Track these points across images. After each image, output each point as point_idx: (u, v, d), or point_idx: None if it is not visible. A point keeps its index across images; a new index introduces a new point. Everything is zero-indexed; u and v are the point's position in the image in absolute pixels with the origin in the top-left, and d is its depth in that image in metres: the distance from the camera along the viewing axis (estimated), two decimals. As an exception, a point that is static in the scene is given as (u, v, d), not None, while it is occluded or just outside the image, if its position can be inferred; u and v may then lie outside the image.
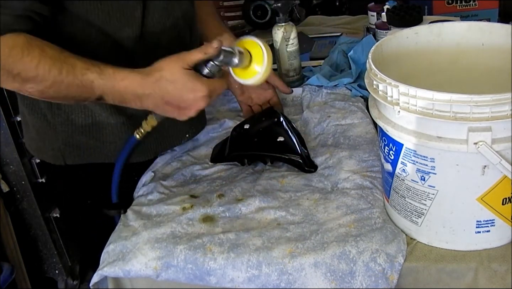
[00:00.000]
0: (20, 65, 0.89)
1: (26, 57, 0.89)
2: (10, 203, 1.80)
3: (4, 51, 0.88)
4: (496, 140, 0.75)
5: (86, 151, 1.13)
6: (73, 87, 0.92)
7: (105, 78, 0.93)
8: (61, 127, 1.11)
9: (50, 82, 0.91)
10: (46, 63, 0.90)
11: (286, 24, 1.39)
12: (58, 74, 0.91)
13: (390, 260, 0.87)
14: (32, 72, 0.90)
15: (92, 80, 0.92)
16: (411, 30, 1.00)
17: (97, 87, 0.93)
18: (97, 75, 0.92)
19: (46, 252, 1.93)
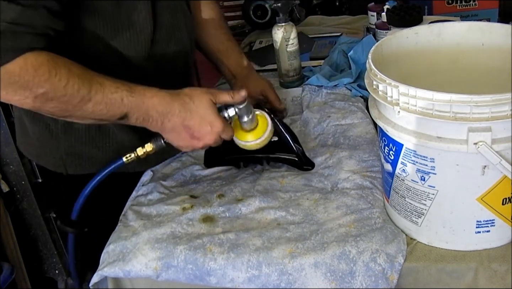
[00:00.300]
0: (47, 85, 0.88)
1: (54, 77, 0.88)
2: (10, 203, 1.81)
3: (29, 71, 0.86)
4: (496, 141, 0.75)
5: (88, 160, 1.13)
6: (100, 105, 0.92)
7: (135, 95, 0.94)
8: (63, 136, 1.10)
9: (78, 101, 0.90)
10: (75, 82, 0.89)
11: (286, 24, 1.39)
12: (87, 93, 0.90)
13: (390, 260, 0.87)
14: (60, 92, 0.89)
15: (122, 98, 0.93)
16: (411, 30, 0.99)
17: (125, 105, 0.93)
18: (127, 93, 0.93)
19: (46, 252, 1.93)
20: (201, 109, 0.97)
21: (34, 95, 0.88)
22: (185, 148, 1.03)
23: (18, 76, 0.86)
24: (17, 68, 0.85)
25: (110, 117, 0.95)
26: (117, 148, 1.12)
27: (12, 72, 0.85)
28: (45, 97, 0.88)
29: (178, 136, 1.00)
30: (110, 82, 0.93)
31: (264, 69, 1.63)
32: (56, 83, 0.88)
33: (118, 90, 0.93)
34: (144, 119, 0.96)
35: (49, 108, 0.91)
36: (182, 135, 0.99)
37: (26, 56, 0.86)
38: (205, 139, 1.00)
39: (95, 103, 0.91)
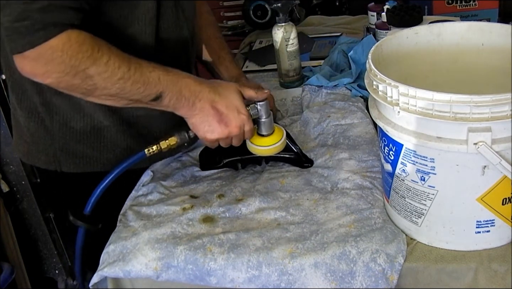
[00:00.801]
0: (91, 60, 0.89)
1: (97, 53, 0.90)
2: (10, 203, 1.81)
3: (73, 46, 0.87)
4: (496, 141, 0.75)
5: (82, 159, 1.12)
6: (138, 84, 0.94)
7: (170, 74, 0.97)
8: (58, 133, 1.10)
9: (117, 78, 0.92)
10: (116, 60, 0.92)
11: (286, 24, 1.39)
12: (127, 70, 0.92)
13: (390, 260, 0.87)
14: (101, 68, 0.90)
15: (159, 76, 0.96)
16: (411, 30, 0.99)
17: (162, 83, 0.96)
18: (163, 72, 0.97)
19: (46, 252, 1.94)
20: (229, 94, 1.01)
21: (76, 72, 0.89)
22: (210, 134, 1.02)
23: (61, 51, 0.87)
24: (61, 44, 0.86)
25: (145, 97, 0.96)
26: (112, 147, 1.12)
27: (56, 47, 0.86)
28: (86, 73, 0.90)
29: (205, 120, 1.01)
30: (146, 62, 0.96)
31: (264, 69, 1.63)
32: (98, 60, 0.90)
33: (155, 69, 0.96)
34: (177, 99, 0.98)
35: (87, 85, 0.92)
36: (210, 118, 1.01)
37: (69, 32, 0.87)
38: (231, 126, 1.01)
39: (133, 81, 0.93)
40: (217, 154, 1.16)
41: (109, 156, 1.12)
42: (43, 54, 0.86)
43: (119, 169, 1.03)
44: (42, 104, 1.08)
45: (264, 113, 1.05)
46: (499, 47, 0.94)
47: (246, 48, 1.83)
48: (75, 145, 1.11)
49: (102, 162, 1.12)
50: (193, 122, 1.02)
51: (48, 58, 0.87)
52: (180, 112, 1.01)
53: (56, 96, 1.07)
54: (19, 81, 1.09)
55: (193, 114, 1.01)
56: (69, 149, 1.12)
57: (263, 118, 1.05)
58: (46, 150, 1.13)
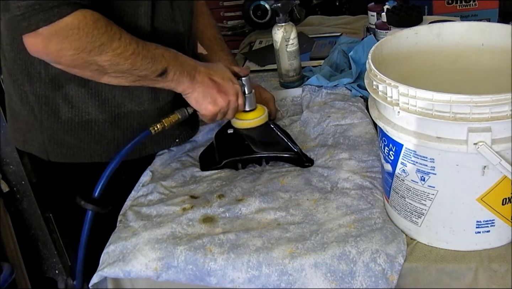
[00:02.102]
0: (105, 37, 0.94)
1: (110, 30, 0.94)
2: (10, 203, 1.80)
3: (88, 23, 0.91)
4: (496, 141, 0.75)
5: (69, 149, 1.14)
6: (147, 59, 0.99)
7: (171, 51, 1.05)
8: (47, 123, 1.12)
9: (129, 53, 0.97)
10: (126, 37, 0.97)
11: (286, 24, 1.39)
12: (136, 47, 0.98)
13: (390, 260, 0.87)
14: (115, 44, 0.95)
15: (163, 53, 1.02)
16: (411, 30, 0.99)
17: (166, 59, 1.02)
18: (165, 50, 1.04)
19: (46, 252, 1.93)
20: (220, 69, 1.12)
21: (91, 48, 0.93)
22: (212, 105, 1.09)
23: (78, 28, 0.91)
24: (76, 21, 0.90)
25: (152, 72, 1.02)
26: (99, 139, 1.13)
27: (71, 24, 0.90)
28: (101, 49, 0.94)
29: (207, 92, 1.08)
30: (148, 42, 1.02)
31: (264, 69, 1.63)
32: (112, 36, 0.95)
33: (158, 47, 1.03)
34: (180, 73, 1.05)
35: (101, 62, 0.96)
36: (211, 89, 1.08)
37: (83, 11, 0.92)
38: (230, 94, 1.09)
39: (143, 56, 0.99)
40: (217, 154, 1.16)
41: (96, 147, 1.14)
42: (58, 31, 0.90)
43: (126, 148, 1.06)
44: (32, 93, 1.10)
45: (247, 88, 1.14)
46: (499, 47, 0.94)
47: (246, 48, 1.83)
48: (63, 135, 1.12)
49: (89, 153, 1.14)
50: (195, 96, 1.08)
51: (63, 36, 0.90)
52: (181, 88, 1.07)
53: (45, 87, 1.09)
54: (12, 69, 1.11)
55: (195, 88, 1.07)
56: (57, 139, 1.13)
57: (247, 93, 1.14)
58: (37, 138, 1.15)
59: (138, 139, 1.07)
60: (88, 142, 1.13)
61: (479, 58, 0.98)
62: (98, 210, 1.04)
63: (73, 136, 1.12)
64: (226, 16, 2.54)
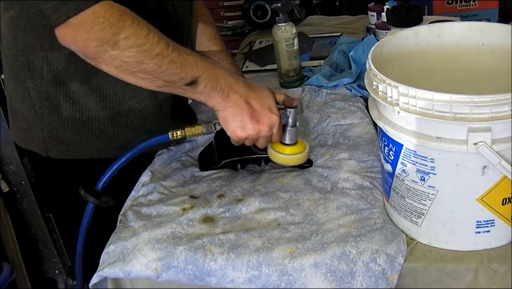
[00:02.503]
0: (131, 30, 0.90)
1: (137, 24, 0.90)
2: (10, 203, 1.80)
3: (114, 14, 0.89)
4: (496, 141, 0.75)
5: (69, 146, 1.14)
6: (175, 64, 0.94)
7: (207, 61, 0.99)
8: (47, 119, 1.12)
9: (155, 53, 0.92)
10: (155, 35, 0.92)
11: (286, 24, 1.39)
12: (165, 48, 0.93)
13: (390, 260, 0.87)
14: (141, 39, 0.91)
15: (196, 61, 0.96)
16: (411, 30, 0.99)
17: (199, 68, 0.96)
18: (201, 58, 0.98)
19: (46, 252, 1.93)
20: (263, 93, 1.01)
21: (115, 40, 0.89)
22: (240, 130, 1.01)
23: (104, 17, 0.88)
24: (103, 10, 0.88)
25: (180, 79, 0.96)
26: (99, 135, 1.13)
27: (98, 13, 0.88)
28: (125, 42, 0.90)
29: (238, 114, 1.00)
30: (183, 47, 0.97)
31: (264, 69, 1.63)
32: (138, 31, 0.90)
33: (192, 54, 0.97)
34: (212, 87, 0.98)
35: (125, 57, 0.92)
36: (243, 113, 1.00)
37: (110, 1, 0.89)
38: (263, 124, 1.01)
39: (171, 60, 0.93)
40: (216, 154, 1.16)
41: (96, 144, 1.13)
42: (86, 20, 0.88)
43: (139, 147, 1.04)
44: (34, 89, 1.10)
45: (292, 121, 1.04)
46: (499, 47, 0.94)
47: (246, 48, 1.83)
48: (63, 131, 1.12)
49: (89, 149, 1.14)
50: (225, 115, 1.01)
51: (90, 25, 0.88)
52: (212, 102, 1.00)
53: (47, 83, 1.09)
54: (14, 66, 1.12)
55: (226, 107, 1.00)
56: (57, 135, 1.13)
57: (289, 126, 1.05)
58: (38, 135, 1.15)
59: (154, 142, 1.05)
60: (88, 139, 1.13)
61: (479, 58, 0.98)
62: (99, 203, 1.04)
63: (74, 132, 1.13)
64: (226, 16, 2.55)
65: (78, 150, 1.14)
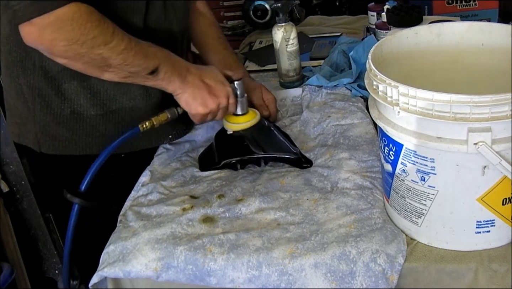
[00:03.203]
0: (98, 30, 0.95)
1: (103, 24, 0.96)
2: (10, 203, 1.80)
3: (82, 16, 0.93)
4: (496, 141, 0.75)
5: (61, 142, 1.16)
6: (139, 55, 1.00)
7: (163, 51, 1.06)
8: (39, 114, 1.14)
9: (122, 49, 0.98)
10: (119, 32, 0.98)
11: (286, 24, 1.39)
12: (129, 42, 0.99)
13: (390, 260, 0.87)
14: (108, 38, 0.96)
15: (155, 52, 1.03)
16: (411, 30, 0.99)
17: (158, 57, 1.03)
18: (158, 48, 1.05)
19: (46, 252, 1.93)
20: (212, 70, 1.13)
21: (84, 40, 0.94)
22: (201, 107, 1.09)
23: (71, 20, 0.92)
24: (71, 12, 0.92)
25: (143, 70, 1.02)
26: (91, 131, 1.15)
27: (66, 15, 0.91)
28: (94, 42, 0.95)
29: (197, 93, 1.08)
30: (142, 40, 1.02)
31: (264, 69, 1.63)
32: (105, 30, 0.96)
33: (151, 46, 1.04)
34: (171, 73, 1.05)
35: (93, 55, 0.96)
36: (201, 91, 1.08)
37: (78, 3, 0.93)
38: (221, 96, 1.10)
39: (135, 52, 1.00)
40: (216, 155, 1.16)
41: (87, 140, 1.15)
42: (53, 22, 0.91)
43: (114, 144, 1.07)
44: (26, 85, 1.12)
45: (240, 92, 1.14)
46: (499, 47, 0.94)
47: (246, 48, 1.83)
48: (55, 127, 1.14)
49: (80, 146, 1.16)
50: (185, 98, 1.09)
51: (57, 26, 0.91)
52: (172, 87, 1.07)
53: (39, 79, 1.10)
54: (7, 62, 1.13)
55: (185, 89, 1.08)
56: (49, 131, 1.15)
57: (239, 97, 1.14)
58: (31, 130, 1.17)
59: (127, 136, 1.09)
60: (80, 135, 1.15)
61: (479, 58, 0.98)
62: (85, 203, 1.06)
63: (65, 128, 1.14)
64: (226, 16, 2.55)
65: (70, 146, 1.16)
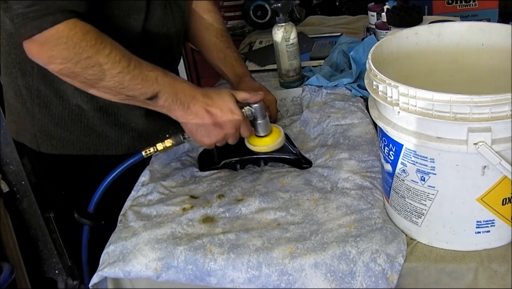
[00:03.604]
0: (93, 50, 0.92)
1: (100, 44, 0.93)
2: (10, 203, 1.80)
3: (77, 34, 0.91)
4: (496, 141, 0.75)
5: (59, 141, 1.17)
6: (136, 80, 0.97)
7: (168, 76, 1.01)
8: (38, 115, 1.15)
9: (117, 72, 0.95)
10: (117, 54, 0.95)
11: (286, 24, 1.39)
12: (126, 66, 0.95)
13: (390, 260, 0.87)
14: (103, 59, 0.93)
15: (157, 77, 0.99)
16: (411, 30, 0.99)
17: (159, 83, 0.99)
18: (162, 73, 1.00)
19: (46, 252, 1.93)
20: (222, 98, 1.04)
21: (78, 59, 0.92)
22: (206, 138, 1.05)
23: (67, 37, 0.91)
24: (67, 30, 0.91)
25: (141, 94, 0.99)
26: (88, 132, 1.16)
27: (62, 32, 0.90)
28: (88, 62, 0.93)
29: (201, 125, 1.04)
30: (146, 62, 0.99)
31: (264, 69, 1.63)
32: (101, 50, 0.93)
33: (154, 70, 0.99)
34: (172, 101, 1.01)
35: (87, 75, 0.95)
36: (205, 122, 1.03)
37: (75, 21, 0.92)
38: (227, 127, 1.04)
39: (132, 76, 0.96)
40: (215, 155, 1.16)
41: (85, 140, 1.17)
42: (49, 39, 0.90)
43: (118, 170, 1.07)
44: (25, 87, 1.13)
45: (259, 115, 1.07)
46: (499, 47, 0.94)
47: (246, 48, 1.83)
48: (53, 127, 1.16)
49: (78, 146, 1.17)
50: (189, 128, 1.05)
51: (54, 43, 0.90)
52: (174, 115, 1.04)
53: (38, 81, 1.12)
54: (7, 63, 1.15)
55: (188, 119, 1.04)
56: (48, 131, 1.16)
57: (259, 120, 1.08)
58: (29, 130, 1.19)
59: (131, 162, 1.08)
60: (77, 135, 1.16)
61: (479, 58, 0.98)
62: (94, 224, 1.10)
63: (63, 128, 1.15)
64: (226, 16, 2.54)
65: (68, 146, 1.17)
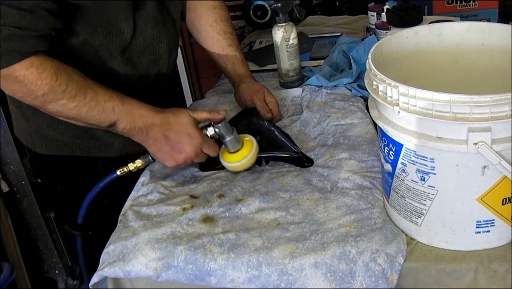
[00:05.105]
0: (48, 87, 0.97)
1: (55, 82, 0.97)
2: (10, 203, 1.81)
3: (33, 73, 0.95)
4: (496, 141, 0.75)
5: (53, 142, 1.20)
6: (93, 111, 1.01)
7: (125, 104, 1.03)
8: (32, 117, 1.19)
9: (73, 105, 0.99)
10: (73, 88, 0.98)
11: (286, 24, 1.39)
12: (82, 99, 0.99)
13: (390, 260, 0.87)
14: (58, 95, 0.98)
15: (113, 106, 1.02)
16: (411, 30, 0.99)
17: (116, 113, 1.02)
18: (119, 102, 1.02)
19: (46, 252, 1.94)
20: (180, 121, 1.05)
21: (35, 96, 0.97)
22: (168, 161, 1.07)
23: (23, 76, 0.95)
24: (23, 70, 0.94)
25: (100, 123, 1.03)
26: (80, 134, 1.18)
27: (18, 72, 0.94)
28: (44, 98, 0.98)
29: (160, 148, 1.06)
30: (104, 91, 1.02)
31: (264, 69, 1.63)
32: (56, 88, 0.97)
33: (111, 99, 1.02)
34: (130, 128, 1.04)
35: (49, 108, 1.01)
36: (164, 147, 1.06)
37: (31, 59, 0.95)
38: (186, 151, 1.05)
39: (89, 108, 1.00)
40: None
41: (77, 142, 1.20)
42: (8, 76, 0.94)
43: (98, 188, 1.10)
44: None
45: (225, 133, 1.08)
46: (499, 47, 0.94)
47: (246, 48, 1.83)
48: (47, 130, 1.19)
49: (70, 147, 1.20)
50: (151, 151, 1.08)
51: (12, 81, 0.95)
52: (136, 139, 1.07)
53: None
54: None
55: (148, 143, 1.07)
56: (42, 133, 1.20)
57: (226, 138, 1.08)
58: (26, 131, 1.23)
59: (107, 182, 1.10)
60: (70, 137, 1.19)
61: (479, 58, 0.98)
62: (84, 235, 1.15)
63: (56, 131, 1.18)
64: (226, 16, 2.54)
65: (61, 147, 1.20)
